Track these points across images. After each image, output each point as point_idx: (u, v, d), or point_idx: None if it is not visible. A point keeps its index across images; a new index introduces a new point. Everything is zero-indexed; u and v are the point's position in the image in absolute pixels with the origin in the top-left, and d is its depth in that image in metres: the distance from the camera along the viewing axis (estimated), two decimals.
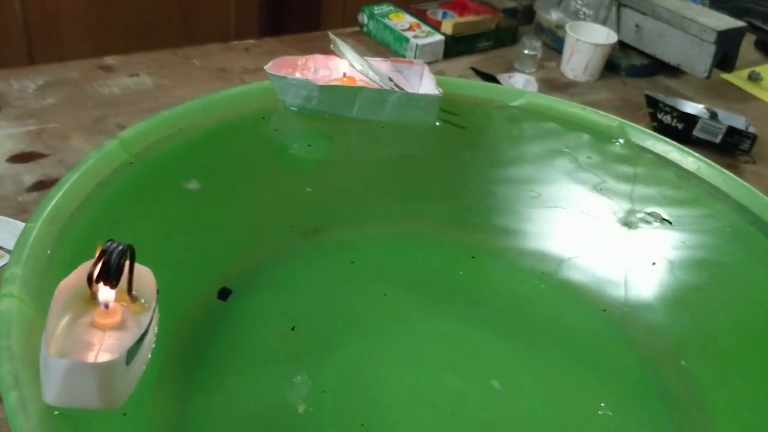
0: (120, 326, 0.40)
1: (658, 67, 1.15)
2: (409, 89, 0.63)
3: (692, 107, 1.00)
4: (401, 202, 0.63)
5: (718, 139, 0.96)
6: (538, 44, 1.11)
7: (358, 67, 0.63)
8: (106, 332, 0.39)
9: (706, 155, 0.96)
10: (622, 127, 0.61)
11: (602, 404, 0.50)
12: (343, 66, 0.64)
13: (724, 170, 0.57)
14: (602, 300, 0.58)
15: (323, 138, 0.60)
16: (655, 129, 0.99)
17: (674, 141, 0.96)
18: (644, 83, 1.13)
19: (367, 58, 0.65)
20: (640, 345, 0.54)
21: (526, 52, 1.11)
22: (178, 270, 0.50)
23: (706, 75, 1.06)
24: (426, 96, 0.60)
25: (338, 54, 0.64)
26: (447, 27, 1.12)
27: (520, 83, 1.02)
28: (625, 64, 1.15)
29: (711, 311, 0.54)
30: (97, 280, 0.39)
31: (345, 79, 0.63)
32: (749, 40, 1.31)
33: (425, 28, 1.11)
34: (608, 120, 0.62)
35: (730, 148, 0.97)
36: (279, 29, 1.31)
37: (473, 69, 1.04)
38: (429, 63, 1.09)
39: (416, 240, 0.62)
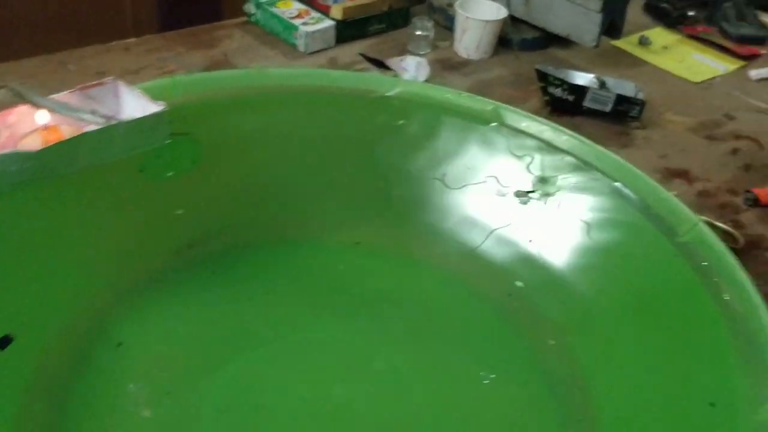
0: None
1: (549, 39, 1.16)
2: (119, 114, 0.53)
3: (583, 77, 1.01)
4: (280, 205, 0.61)
5: (608, 108, 0.97)
6: (429, 24, 1.10)
7: (53, 109, 0.52)
8: None
9: (598, 124, 0.97)
10: (497, 111, 0.61)
11: (489, 382, 0.50)
12: (29, 117, 0.52)
13: (597, 146, 0.57)
14: (487, 286, 0.57)
15: (190, 143, 0.57)
16: (547, 102, 0.99)
17: (566, 112, 0.98)
18: (537, 56, 1.13)
19: (54, 96, 0.54)
20: (524, 328, 0.54)
21: (418, 33, 1.10)
22: (42, 300, 0.48)
23: (594, 44, 1.07)
24: (150, 116, 0.51)
25: (24, 102, 0.52)
26: (336, 12, 1.10)
27: (412, 66, 1.01)
28: (517, 38, 1.14)
29: (591, 289, 0.54)
30: None
31: (45, 131, 0.51)
32: (638, 4, 1.32)
33: (314, 14, 1.09)
34: (483, 104, 0.61)
35: (620, 115, 0.98)
36: (180, 22, 1.27)
37: (362, 55, 1.02)
38: (321, 50, 1.07)
39: (298, 243, 0.60)
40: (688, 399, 0.44)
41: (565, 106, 0.98)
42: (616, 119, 0.98)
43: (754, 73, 1.15)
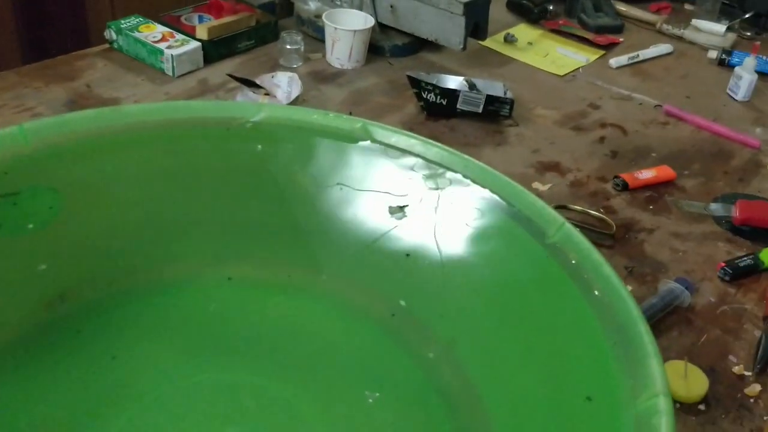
0: None
1: (420, 44, 1.17)
2: None
3: (453, 81, 1.03)
4: (153, 245, 0.59)
5: (480, 109, 0.99)
6: (298, 38, 1.10)
7: None
8: None
9: (473, 125, 1.00)
10: (366, 128, 0.61)
11: (373, 401, 0.50)
12: None
13: (464, 156, 0.58)
14: (370, 308, 0.57)
15: (47, 192, 0.55)
16: (422, 108, 1.01)
17: (442, 116, 0.99)
18: (410, 62, 1.15)
19: None
20: (410, 344, 0.55)
21: (288, 47, 1.09)
22: None
23: (461, 47, 1.09)
24: None
25: None
26: (201, 32, 1.07)
27: (284, 82, 1.00)
28: (388, 45, 1.16)
29: (470, 298, 0.55)
30: None
31: None
32: (501, 2, 1.36)
33: (179, 36, 1.06)
34: (351, 123, 0.61)
35: (492, 115, 1.00)
36: (45, 53, 1.20)
37: (230, 75, 1.01)
38: (190, 72, 1.04)
39: (174, 284, 0.58)
40: (569, 396, 0.45)
41: (439, 110, 1.00)
42: (489, 119, 1.01)
43: (614, 61, 1.21)
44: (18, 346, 0.51)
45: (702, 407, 0.65)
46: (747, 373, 0.69)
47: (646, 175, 0.93)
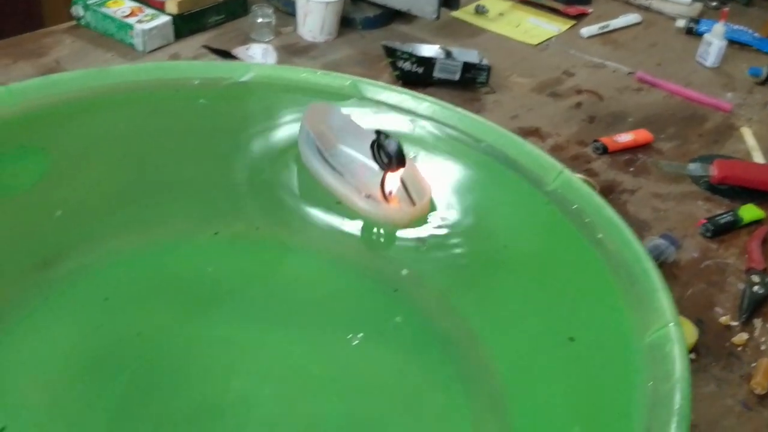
0: None
1: (391, 16, 1.17)
2: None
3: (429, 50, 1.03)
4: (143, 207, 0.57)
5: (456, 77, 0.99)
6: (270, 11, 1.08)
7: None
8: None
9: (450, 93, 0.99)
10: (355, 85, 0.60)
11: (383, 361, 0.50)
12: None
13: (458, 109, 0.58)
14: (364, 261, 0.57)
15: (34, 152, 0.53)
16: (398, 77, 1.00)
17: (418, 85, 0.99)
18: (381, 34, 1.14)
19: None
20: (413, 299, 0.54)
21: (259, 20, 1.08)
22: None
23: (435, 16, 1.09)
24: None
25: None
26: (171, 6, 1.05)
27: (259, 54, 0.99)
28: (359, 17, 1.15)
29: (470, 248, 0.55)
30: None
31: None
32: None
33: (148, 11, 1.04)
34: (340, 80, 0.60)
35: (469, 82, 1.00)
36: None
37: (206, 47, 0.99)
38: (161, 47, 1.02)
39: (168, 245, 0.57)
40: (576, 333, 0.45)
41: (415, 78, 0.99)
42: (466, 86, 1.01)
43: (585, 30, 1.21)
44: (10, 308, 0.49)
45: (692, 356, 0.66)
46: (733, 323, 0.70)
47: (625, 138, 0.93)
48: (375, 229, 0.57)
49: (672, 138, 0.97)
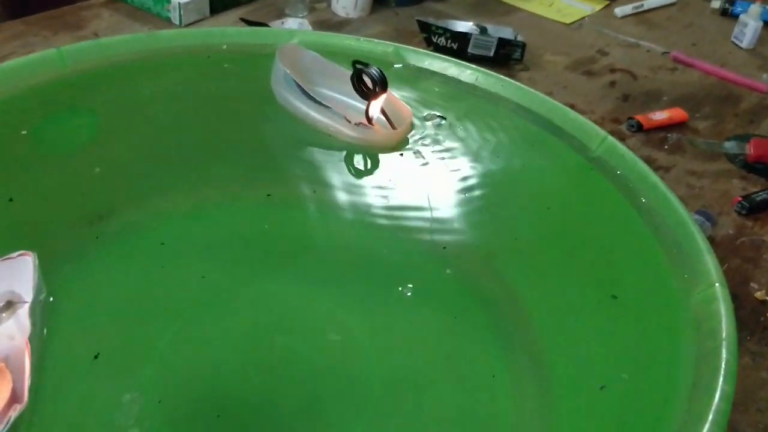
0: None
1: None
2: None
3: (463, 26, 1.03)
4: (190, 169, 0.58)
5: (491, 53, 0.99)
6: None
7: None
8: None
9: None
10: (398, 52, 0.61)
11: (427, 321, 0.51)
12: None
13: (501, 76, 0.58)
14: (409, 223, 0.57)
15: (85, 113, 0.54)
16: None
17: None
18: (415, 11, 1.14)
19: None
20: (459, 258, 0.55)
21: None
22: None
23: None
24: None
25: None
26: None
27: (295, 27, 0.99)
28: None
29: (513, 212, 0.55)
30: None
31: None
32: None
33: None
34: (383, 47, 0.61)
35: (503, 59, 1.00)
36: (26, 8, 1.17)
37: (243, 20, 1.00)
38: (197, 21, 1.03)
39: (215, 207, 0.58)
40: (621, 295, 0.46)
41: (450, 54, 0.99)
42: (500, 63, 1.01)
43: (619, 10, 1.21)
44: (66, 260, 0.51)
45: None
46: None
47: (660, 116, 0.93)
48: (426, 194, 0.58)
49: (707, 117, 0.97)
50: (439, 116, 0.58)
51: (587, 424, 0.41)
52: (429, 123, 0.58)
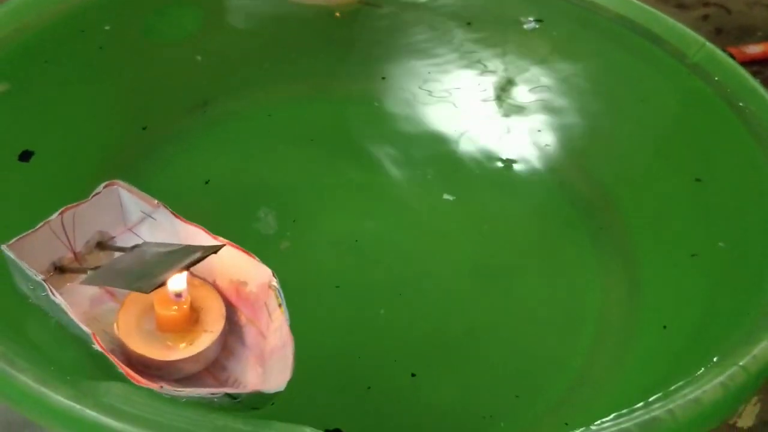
0: None
1: None
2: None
3: None
4: (285, 63, 0.60)
5: None
6: None
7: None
8: None
9: None
10: None
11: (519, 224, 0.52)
12: None
13: None
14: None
15: (189, 5, 0.57)
16: None
17: None
18: None
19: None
20: (540, 160, 0.56)
21: None
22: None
23: None
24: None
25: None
26: None
27: None
28: None
29: (610, 117, 0.55)
30: None
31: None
32: None
33: None
34: None
35: None
36: None
37: None
38: None
39: (310, 98, 0.60)
40: (715, 195, 0.46)
41: None
42: None
43: None
44: (170, 141, 0.54)
45: None
46: None
47: (754, 50, 0.91)
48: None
49: None
50: (534, 21, 0.59)
51: (675, 291, 0.42)
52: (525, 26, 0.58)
